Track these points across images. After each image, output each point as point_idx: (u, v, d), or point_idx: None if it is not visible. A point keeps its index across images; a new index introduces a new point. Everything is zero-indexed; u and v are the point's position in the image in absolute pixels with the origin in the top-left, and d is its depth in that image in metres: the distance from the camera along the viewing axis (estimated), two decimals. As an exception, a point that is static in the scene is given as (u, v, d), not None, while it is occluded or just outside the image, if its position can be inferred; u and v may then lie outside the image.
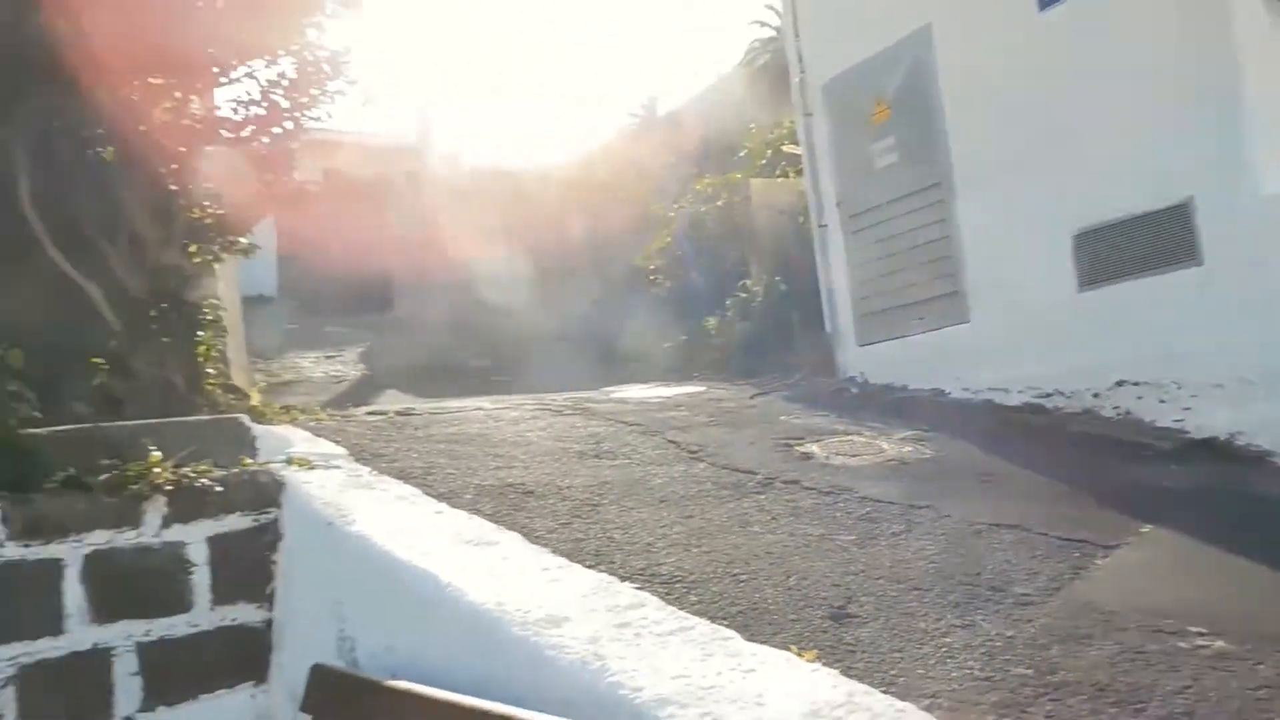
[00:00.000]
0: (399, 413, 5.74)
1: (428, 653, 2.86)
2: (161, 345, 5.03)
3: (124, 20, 4.57)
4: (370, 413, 5.75)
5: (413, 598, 2.98)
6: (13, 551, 3.27)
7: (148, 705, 3.47)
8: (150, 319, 5.05)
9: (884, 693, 2.35)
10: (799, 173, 9.35)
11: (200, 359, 5.27)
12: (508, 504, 4.00)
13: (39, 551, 3.32)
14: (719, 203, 10.73)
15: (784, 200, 9.28)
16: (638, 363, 8.64)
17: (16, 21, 4.29)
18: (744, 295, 8.88)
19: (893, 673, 2.57)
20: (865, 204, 7.58)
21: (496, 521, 3.65)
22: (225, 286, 6.19)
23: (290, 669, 3.63)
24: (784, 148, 10.44)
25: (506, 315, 9.85)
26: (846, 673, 2.48)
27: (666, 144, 14.49)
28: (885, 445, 5.51)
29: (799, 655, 2.56)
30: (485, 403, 6.26)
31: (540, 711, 2.27)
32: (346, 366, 8.60)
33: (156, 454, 3.58)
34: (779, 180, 10.12)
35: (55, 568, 3.34)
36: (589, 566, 3.21)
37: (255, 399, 5.70)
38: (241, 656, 3.65)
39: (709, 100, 16.98)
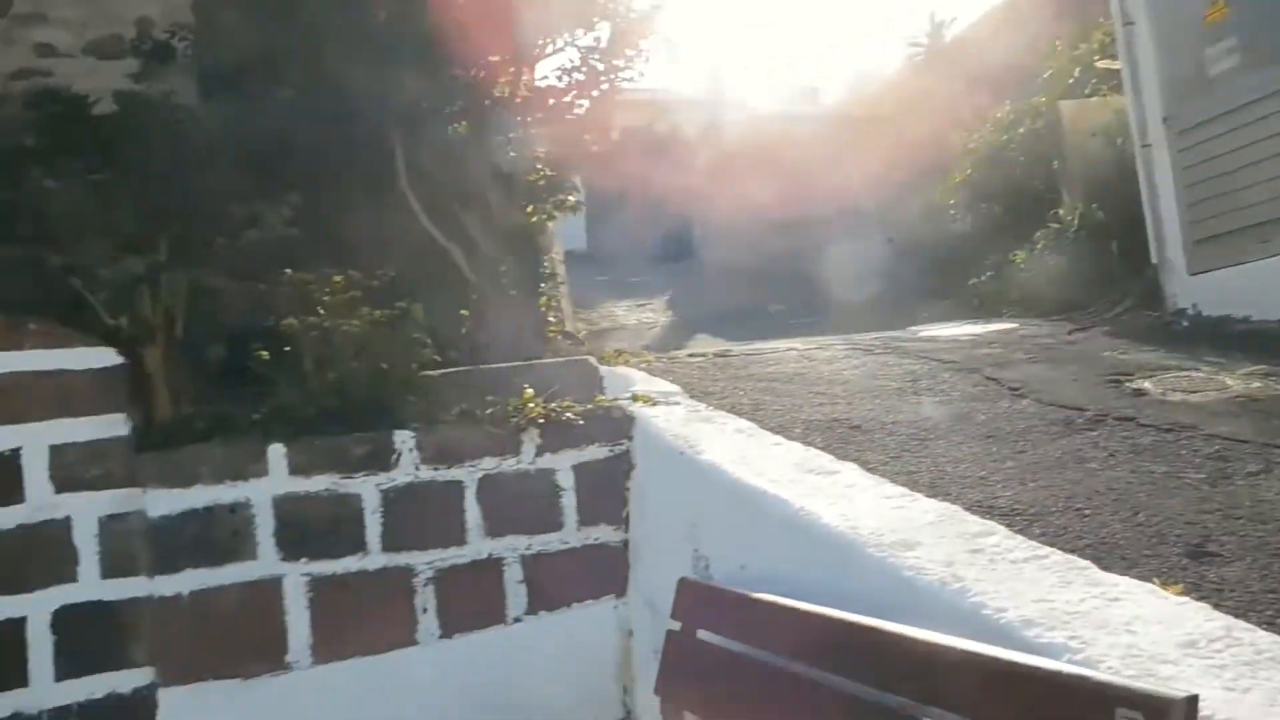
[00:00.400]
0: (717, 354, 6.07)
1: (780, 571, 3.11)
2: (511, 298, 5.65)
3: (475, 7, 5.13)
4: (690, 355, 6.12)
5: (765, 521, 3.25)
6: (426, 474, 3.91)
7: (531, 610, 4.04)
8: (500, 275, 5.67)
9: (1265, 630, 2.30)
10: (1115, 90, 8.63)
11: (543, 309, 5.86)
12: (836, 438, 4.18)
13: (445, 474, 3.94)
14: (1021, 130, 10.15)
15: (1098, 121, 8.61)
16: (940, 301, 8.47)
17: (395, 21, 4.95)
18: (1055, 226, 8.39)
19: (1269, 613, 2.49)
20: (1197, 117, 6.91)
21: (830, 454, 3.83)
22: (554, 243, 6.79)
23: (646, 584, 4.06)
24: (1096, 63, 9.66)
25: (803, 258, 9.96)
26: (1216, 609, 2.43)
27: (957, 71, 13.78)
28: (1229, 381, 5.11)
29: (1162, 588, 2.54)
30: (797, 344, 6.46)
31: (897, 627, 2.42)
32: (656, 314, 9.11)
33: (530, 391, 4.10)
34: (1092, 100, 9.38)
35: (458, 488, 3.96)
36: (927, 497, 3.32)
37: (587, 345, 6.25)
38: (604, 572, 4.14)
39: (1000, 19, 15.87)
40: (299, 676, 3.70)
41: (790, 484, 3.35)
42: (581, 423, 4.12)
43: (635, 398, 4.41)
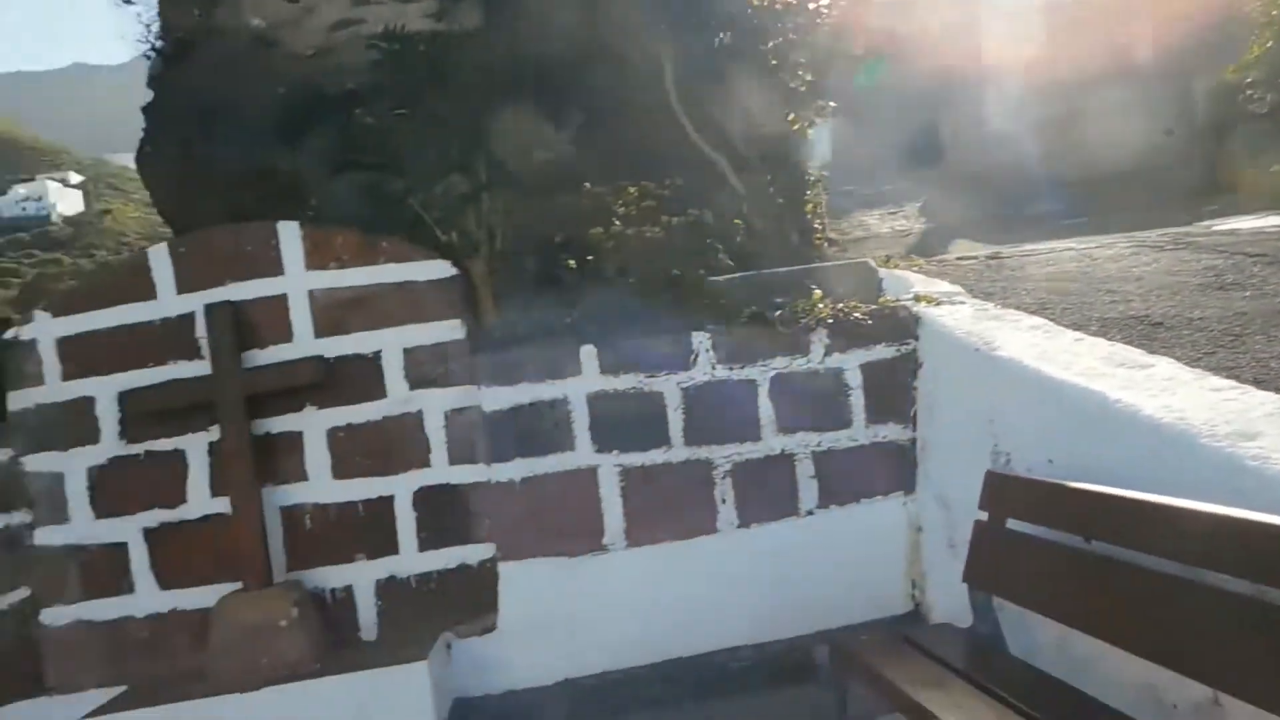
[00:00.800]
0: (989, 257, 5.90)
1: (1093, 462, 3.06)
2: (777, 206, 5.72)
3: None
4: (959, 258, 5.99)
5: (1077, 414, 3.20)
6: (721, 373, 4.12)
7: (822, 503, 4.19)
8: (767, 183, 5.75)
9: None
10: None
11: (808, 216, 5.89)
12: (1137, 335, 4.01)
13: (739, 373, 4.13)
14: (1337, -12, 8.93)
15: None
16: (1235, 192, 7.70)
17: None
18: (1382, 99, 7.39)
19: None
20: None
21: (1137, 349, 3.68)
22: (815, 151, 6.76)
23: (937, 480, 4.11)
24: None
25: (1068, 155, 9.31)
26: None
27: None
28: None
29: None
30: (1072, 243, 6.15)
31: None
32: (909, 221, 8.87)
33: (818, 292, 4.19)
34: None
35: (751, 387, 4.15)
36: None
37: (850, 252, 6.24)
38: (892, 469, 4.21)
39: None
40: (615, 557, 4.06)
41: (1101, 377, 3.28)
42: (869, 322, 4.17)
43: (918, 298, 4.40)
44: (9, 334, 4.00)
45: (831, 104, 6.46)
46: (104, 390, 3.97)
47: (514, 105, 4.68)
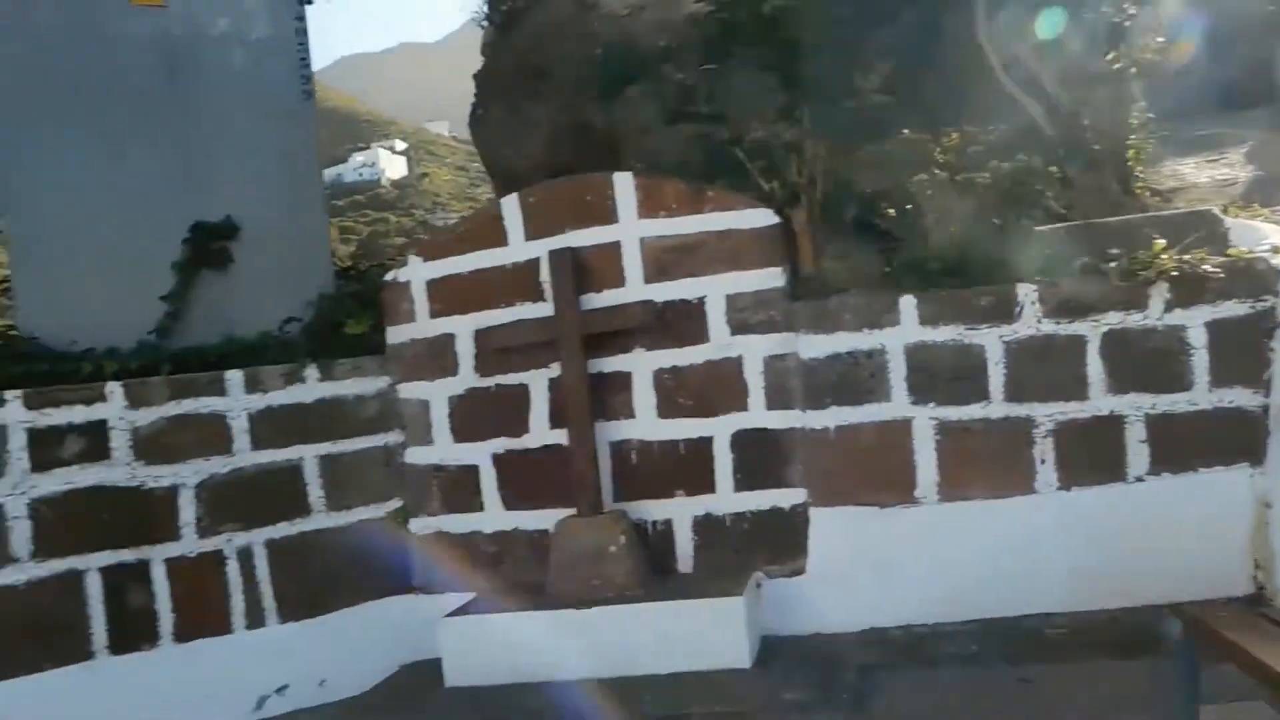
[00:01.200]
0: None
1: None
2: (1094, 153, 5.34)
3: None
4: (1314, 208, 5.35)
5: None
6: (1047, 327, 3.95)
7: (1153, 470, 3.93)
8: (1083, 129, 5.37)
9: None
10: None
11: (1129, 164, 5.46)
12: None
13: (1066, 328, 3.94)
14: None
15: None
16: None
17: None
18: None
19: None
20: None
21: None
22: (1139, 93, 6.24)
23: (1294, 452, 3.75)
24: None
25: None
26: None
27: None
28: None
29: None
30: None
31: None
32: (1233, 169, 7.97)
33: (1160, 243, 3.90)
34: None
35: (1079, 342, 3.95)
36: None
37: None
38: (1238, 438, 3.87)
39: None
40: (926, 510, 4.03)
41: None
42: (1220, 276, 3.84)
43: (1277, 250, 3.99)
44: (388, 276, 4.56)
45: (1159, 39, 5.93)
46: (463, 327, 4.46)
47: (829, 53, 4.65)
